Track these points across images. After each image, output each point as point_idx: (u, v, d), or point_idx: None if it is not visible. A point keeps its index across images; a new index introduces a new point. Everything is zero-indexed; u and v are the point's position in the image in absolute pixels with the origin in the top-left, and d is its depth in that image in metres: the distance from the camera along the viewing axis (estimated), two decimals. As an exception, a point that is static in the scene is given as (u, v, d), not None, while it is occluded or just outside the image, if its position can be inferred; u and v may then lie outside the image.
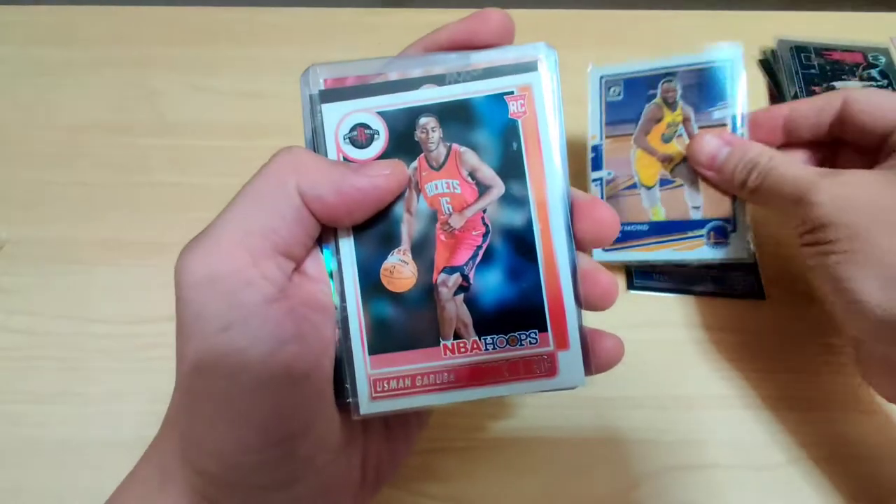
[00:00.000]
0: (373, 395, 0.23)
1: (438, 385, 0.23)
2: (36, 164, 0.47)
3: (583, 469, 0.35)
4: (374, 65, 0.23)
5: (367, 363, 0.23)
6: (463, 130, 0.23)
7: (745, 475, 0.34)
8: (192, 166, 0.47)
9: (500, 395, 0.23)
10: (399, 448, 0.27)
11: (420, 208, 0.23)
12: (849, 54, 0.51)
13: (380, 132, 0.23)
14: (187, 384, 0.21)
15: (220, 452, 0.20)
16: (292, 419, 0.21)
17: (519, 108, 0.23)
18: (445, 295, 0.23)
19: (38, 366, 0.39)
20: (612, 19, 0.56)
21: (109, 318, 0.40)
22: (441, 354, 0.23)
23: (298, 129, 0.24)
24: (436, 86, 0.23)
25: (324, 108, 0.23)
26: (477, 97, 0.23)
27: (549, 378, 0.23)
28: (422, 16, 0.56)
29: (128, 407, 0.37)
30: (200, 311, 0.20)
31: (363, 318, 0.23)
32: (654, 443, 0.35)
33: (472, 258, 0.23)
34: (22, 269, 0.42)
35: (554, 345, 0.23)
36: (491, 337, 0.23)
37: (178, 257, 0.21)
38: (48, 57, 0.53)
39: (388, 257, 0.23)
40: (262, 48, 0.54)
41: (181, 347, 0.20)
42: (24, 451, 0.36)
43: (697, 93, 0.37)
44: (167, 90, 0.51)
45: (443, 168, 0.23)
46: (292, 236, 0.21)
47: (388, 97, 0.23)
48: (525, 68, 0.23)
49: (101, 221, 0.44)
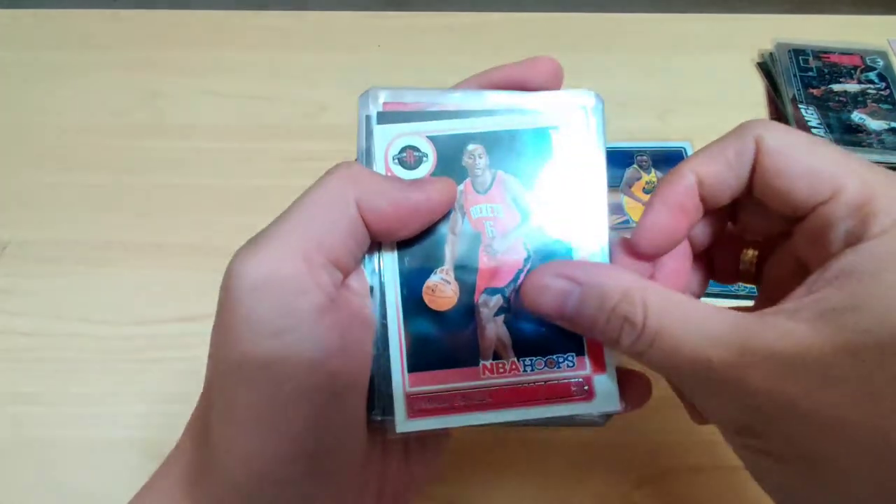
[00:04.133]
0: (410, 413, 0.23)
1: (476, 405, 0.23)
2: (38, 166, 0.47)
3: (584, 470, 0.35)
4: (432, 94, 0.24)
5: (406, 381, 0.23)
6: (508, 159, 0.24)
7: (748, 476, 0.34)
8: (193, 168, 0.47)
9: (536, 417, 0.23)
10: (417, 474, 0.26)
11: (464, 230, 0.24)
12: (846, 57, 0.51)
13: (428, 155, 0.24)
14: (222, 388, 0.20)
15: (250, 459, 0.20)
16: (327, 433, 0.21)
17: (562, 142, 0.24)
18: (486, 315, 0.23)
19: (39, 366, 0.39)
20: (613, 23, 0.56)
21: (110, 319, 0.40)
22: (479, 374, 0.23)
23: (299, 132, 0.24)
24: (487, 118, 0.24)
25: (376, 128, 0.24)
26: (524, 129, 0.24)
27: (585, 401, 0.23)
28: (423, 19, 0.56)
29: (128, 408, 0.37)
30: (251, 314, 0.20)
31: (403, 336, 0.23)
32: (657, 444, 0.35)
33: (513, 281, 0.24)
34: (23, 270, 0.43)
35: (591, 368, 0.23)
36: (529, 359, 0.23)
37: (233, 259, 0.20)
38: (50, 60, 0.53)
39: (430, 276, 0.24)
40: (264, 51, 0.54)
41: (222, 349, 0.20)
42: (24, 452, 0.36)
43: (664, 164, 0.48)
44: (169, 92, 0.51)
45: (488, 193, 0.24)
46: (345, 247, 0.21)
47: (438, 123, 0.24)
48: (573, 108, 0.24)
49: (102, 223, 0.45)
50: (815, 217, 0.21)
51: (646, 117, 0.49)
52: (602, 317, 0.21)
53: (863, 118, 0.48)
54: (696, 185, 0.23)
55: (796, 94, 0.49)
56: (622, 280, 0.21)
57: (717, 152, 0.23)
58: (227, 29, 0.55)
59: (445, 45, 0.55)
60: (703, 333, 0.19)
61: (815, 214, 0.21)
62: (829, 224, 0.20)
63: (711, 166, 0.23)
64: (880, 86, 0.50)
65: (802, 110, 0.49)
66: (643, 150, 0.48)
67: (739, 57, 0.53)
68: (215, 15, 0.56)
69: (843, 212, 0.20)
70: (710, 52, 0.53)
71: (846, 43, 0.52)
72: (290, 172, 0.46)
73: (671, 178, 0.23)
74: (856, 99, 0.49)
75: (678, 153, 0.48)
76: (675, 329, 0.20)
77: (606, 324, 0.21)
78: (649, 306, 0.20)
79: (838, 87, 0.50)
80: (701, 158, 0.23)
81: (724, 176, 0.23)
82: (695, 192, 0.23)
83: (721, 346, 0.19)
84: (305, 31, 0.56)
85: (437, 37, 0.55)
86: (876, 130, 0.48)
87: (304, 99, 0.51)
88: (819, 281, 0.19)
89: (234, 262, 0.20)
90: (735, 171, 0.23)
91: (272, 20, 0.56)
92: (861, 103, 0.49)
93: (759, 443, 0.19)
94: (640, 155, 0.47)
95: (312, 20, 0.56)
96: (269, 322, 0.20)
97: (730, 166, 0.23)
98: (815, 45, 0.52)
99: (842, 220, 0.20)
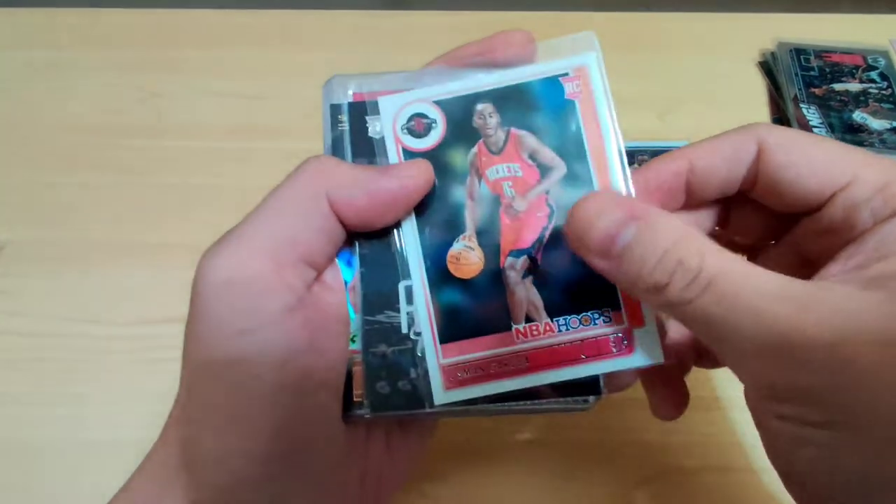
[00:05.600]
0: (447, 384, 0.22)
1: (513, 370, 0.23)
2: (37, 165, 0.47)
3: (584, 470, 0.35)
4: (400, 79, 0.24)
5: (439, 353, 0.23)
6: (520, 114, 0.23)
7: (749, 477, 0.34)
8: (191, 168, 0.47)
9: (578, 376, 0.23)
10: (401, 462, 0.26)
11: (482, 193, 0.23)
12: (848, 56, 0.51)
13: (437, 121, 0.23)
14: (194, 389, 0.20)
15: (224, 462, 0.20)
16: (299, 431, 0.21)
17: (575, 89, 0.23)
18: (514, 278, 0.23)
19: (38, 367, 0.39)
20: (613, 22, 0.56)
21: (110, 319, 0.40)
22: (514, 339, 0.23)
23: (298, 131, 0.24)
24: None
25: (380, 100, 0.23)
26: (533, 80, 0.23)
27: (626, 356, 0.23)
28: (423, 18, 0.56)
29: (128, 408, 0.37)
30: (217, 314, 0.20)
31: (432, 308, 0.23)
32: (656, 444, 0.35)
33: (539, 240, 0.23)
34: (22, 270, 0.42)
35: (628, 322, 0.23)
36: (563, 318, 0.23)
37: (201, 258, 0.20)
38: (48, 59, 0.53)
39: (453, 244, 0.23)
40: (263, 50, 0.54)
41: (191, 350, 0.20)
42: (25, 452, 0.36)
43: None
44: (167, 92, 0.51)
45: (502, 152, 0.23)
46: (317, 245, 0.21)
47: (444, 86, 0.23)
48: (577, 51, 0.24)
49: (101, 223, 0.44)
50: (833, 205, 0.21)
51: (646, 117, 0.49)
52: (653, 258, 0.19)
53: (864, 118, 0.48)
54: (685, 171, 0.23)
55: (798, 94, 0.49)
56: (677, 223, 0.20)
57: (714, 144, 0.23)
58: (227, 28, 0.55)
59: (445, 45, 0.54)
60: (763, 285, 0.18)
61: (832, 202, 0.21)
62: (852, 207, 0.21)
63: (706, 156, 0.23)
64: (882, 85, 0.50)
65: (804, 110, 0.48)
66: (643, 150, 0.47)
67: (740, 56, 0.53)
68: (215, 14, 0.56)
69: (867, 193, 0.20)
70: (710, 51, 0.53)
71: (848, 42, 0.52)
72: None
73: (664, 158, 0.24)
74: (857, 98, 0.49)
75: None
76: (734, 276, 0.19)
77: (656, 265, 0.19)
78: (706, 253, 0.19)
79: (840, 87, 0.50)
80: (697, 147, 0.23)
81: (717, 168, 0.23)
82: (682, 176, 0.23)
83: (783, 300, 0.18)
84: (305, 30, 0.55)
85: (437, 37, 0.55)
86: (878, 130, 0.48)
87: (303, 99, 0.51)
88: (857, 254, 0.20)
89: (202, 262, 0.20)
90: (728, 166, 0.23)
91: (272, 19, 0.56)
92: (863, 103, 0.49)
93: (804, 410, 0.18)
94: (641, 155, 0.47)
95: (312, 19, 0.56)
96: (234, 322, 0.19)
97: (724, 159, 0.23)
98: (817, 45, 0.52)
99: (866, 201, 0.20)
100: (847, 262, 0.20)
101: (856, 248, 0.20)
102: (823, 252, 0.22)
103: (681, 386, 0.26)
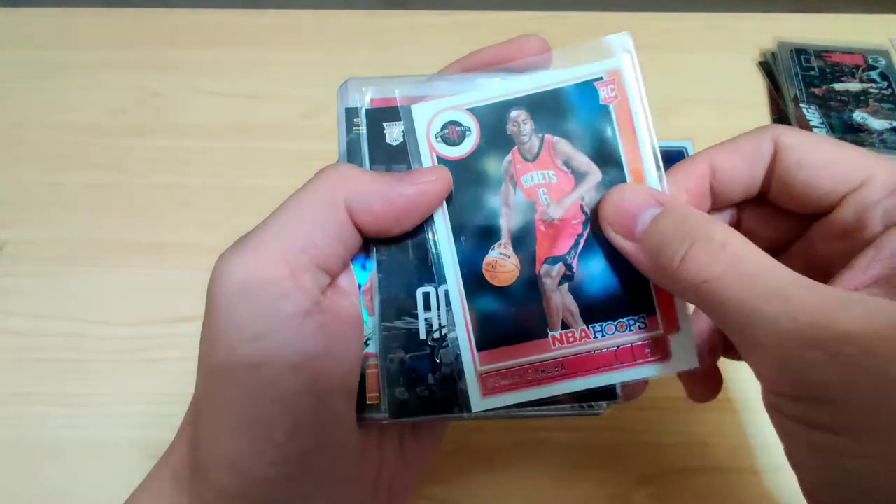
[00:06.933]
0: (484, 391, 0.22)
1: (550, 376, 0.23)
2: (37, 165, 0.47)
3: (584, 470, 0.35)
4: (419, 84, 0.23)
5: (476, 360, 0.23)
6: (554, 120, 0.23)
7: (749, 478, 0.34)
8: (191, 168, 0.47)
9: (614, 382, 0.23)
10: (412, 465, 0.26)
11: (517, 201, 0.23)
12: (848, 56, 0.51)
13: (471, 128, 0.23)
14: (209, 391, 0.20)
15: (238, 465, 0.20)
16: (313, 435, 0.21)
17: (610, 94, 0.23)
18: (550, 285, 0.23)
19: (38, 367, 0.39)
20: (613, 22, 0.56)
21: (109, 319, 0.40)
22: (550, 346, 0.23)
23: (298, 131, 0.24)
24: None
25: (413, 108, 0.23)
26: (566, 86, 0.23)
27: (662, 362, 0.23)
28: (422, 18, 0.56)
29: (128, 408, 0.37)
30: (233, 317, 0.20)
31: (468, 315, 0.23)
32: (656, 445, 0.35)
33: (574, 247, 0.23)
34: (22, 269, 0.42)
35: (664, 328, 0.23)
36: (599, 325, 0.23)
37: (217, 262, 0.20)
38: (49, 59, 0.53)
39: (489, 252, 0.23)
40: (263, 50, 0.54)
41: (207, 353, 0.20)
42: (25, 452, 0.36)
43: (665, 164, 0.46)
44: (167, 92, 0.51)
45: (537, 159, 0.23)
46: (333, 251, 0.21)
47: (476, 93, 0.23)
48: (612, 53, 0.23)
49: (101, 223, 0.44)
50: (844, 206, 0.21)
51: (647, 117, 0.49)
52: (678, 235, 0.20)
53: (865, 117, 0.48)
54: (708, 174, 0.23)
55: (798, 94, 0.49)
56: (699, 214, 0.21)
57: (733, 146, 0.23)
58: (227, 28, 0.55)
59: (445, 45, 0.54)
60: (790, 274, 0.18)
61: (844, 204, 0.21)
62: (864, 208, 0.21)
63: (727, 157, 0.23)
64: (882, 85, 0.50)
65: (804, 109, 0.48)
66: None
67: (741, 56, 0.53)
68: (215, 14, 0.56)
69: (879, 194, 0.20)
70: (711, 51, 0.53)
71: (848, 42, 0.52)
72: (289, 172, 0.45)
73: (685, 162, 0.24)
74: (858, 98, 0.49)
75: (679, 153, 0.48)
76: (760, 259, 0.18)
77: (680, 242, 0.20)
78: (730, 232, 0.19)
79: (840, 87, 0.50)
80: (717, 149, 0.23)
81: (739, 168, 0.23)
82: (707, 179, 0.23)
83: (814, 293, 0.17)
84: (305, 30, 0.55)
85: (437, 36, 0.55)
86: (878, 130, 0.48)
87: (303, 99, 0.51)
88: (875, 262, 0.20)
89: (218, 265, 0.20)
90: (749, 165, 0.23)
91: (272, 19, 0.56)
92: (863, 102, 0.49)
93: (825, 411, 0.17)
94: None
95: (312, 19, 0.56)
96: (249, 326, 0.20)
97: (745, 159, 0.23)
98: (817, 45, 0.52)
99: (878, 202, 0.20)
100: (866, 271, 0.20)
101: (873, 254, 0.20)
102: (836, 257, 0.22)
103: (714, 370, 0.26)
